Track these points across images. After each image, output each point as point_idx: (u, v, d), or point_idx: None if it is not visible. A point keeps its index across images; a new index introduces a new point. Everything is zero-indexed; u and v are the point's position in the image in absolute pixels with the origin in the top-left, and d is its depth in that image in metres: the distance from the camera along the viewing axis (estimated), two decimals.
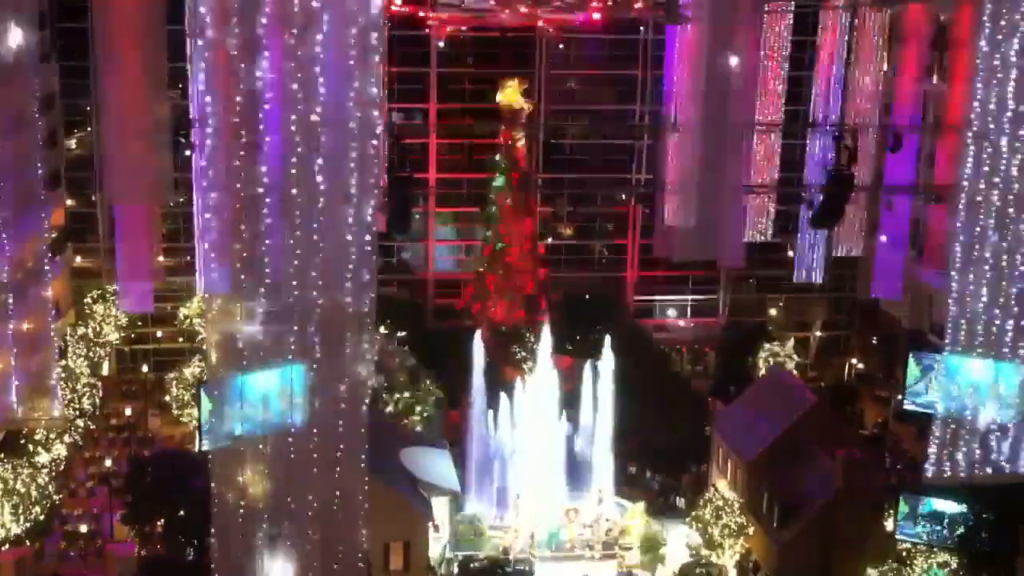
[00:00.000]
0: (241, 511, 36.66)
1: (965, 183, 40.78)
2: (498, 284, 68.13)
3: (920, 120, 67.41)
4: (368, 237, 36.95)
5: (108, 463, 59.84)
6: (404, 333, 63.84)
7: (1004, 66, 37.88)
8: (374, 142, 37.12)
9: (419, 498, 49.93)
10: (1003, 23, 37.67)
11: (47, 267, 57.42)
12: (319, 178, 35.68)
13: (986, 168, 39.79)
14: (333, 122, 35.69)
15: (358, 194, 36.53)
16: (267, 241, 35.55)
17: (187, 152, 66.77)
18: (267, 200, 35.34)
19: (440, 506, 51.97)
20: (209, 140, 35.49)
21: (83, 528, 54.09)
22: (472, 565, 49.94)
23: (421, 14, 68.35)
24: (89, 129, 70.29)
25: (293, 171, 35.37)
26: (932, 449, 49.30)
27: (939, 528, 48.96)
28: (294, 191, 35.47)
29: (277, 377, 37.06)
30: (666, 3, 66.38)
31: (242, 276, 35.60)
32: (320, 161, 35.61)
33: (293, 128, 35.23)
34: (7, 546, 49.27)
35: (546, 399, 55.78)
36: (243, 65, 34.73)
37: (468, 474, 55.67)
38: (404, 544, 48.42)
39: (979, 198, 39.97)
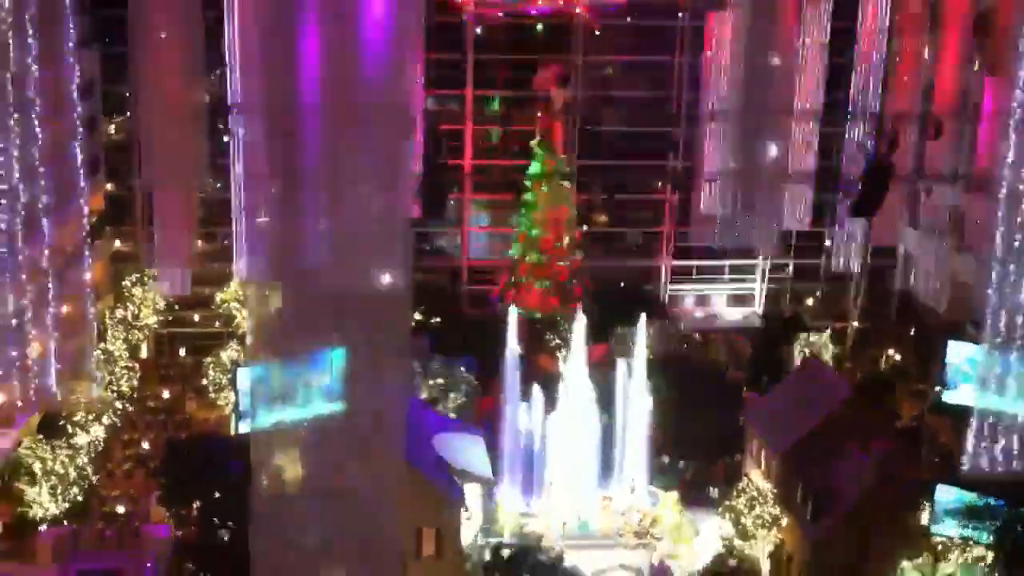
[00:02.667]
0: (279, 496, 36.85)
1: (1006, 172, 40.32)
2: (533, 271, 68.08)
3: (961, 108, 66.73)
4: (405, 223, 36.95)
5: (145, 445, 60.45)
6: (438, 319, 63.93)
7: None
8: (413, 128, 37.14)
9: (452, 485, 50.02)
10: None
11: (86, 252, 58.30)
12: (357, 164, 35.72)
13: None
14: (372, 108, 35.68)
15: (396, 180, 36.58)
16: (306, 227, 35.65)
17: (224, 138, 67.37)
18: (306, 186, 35.44)
19: (472, 492, 52.07)
20: (248, 126, 35.64)
21: (120, 509, 54.63)
22: (503, 552, 49.99)
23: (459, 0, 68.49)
24: (128, 115, 70.80)
25: (332, 157, 35.43)
26: (969, 442, 48.94)
27: (975, 522, 48.52)
28: (333, 177, 35.52)
29: (315, 362, 37.22)
30: None
31: (281, 261, 35.76)
32: (359, 147, 35.63)
33: (332, 114, 35.25)
34: (45, 526, 49.91)
35: (579, 387, 55.67)
36: (282, 51, 34.82)
37: (501, 461, 55.72)
38: (436, 531, 48.51)
39: (1021, 186, 39.52)
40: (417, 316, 63.79)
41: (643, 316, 57.67)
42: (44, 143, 51.47)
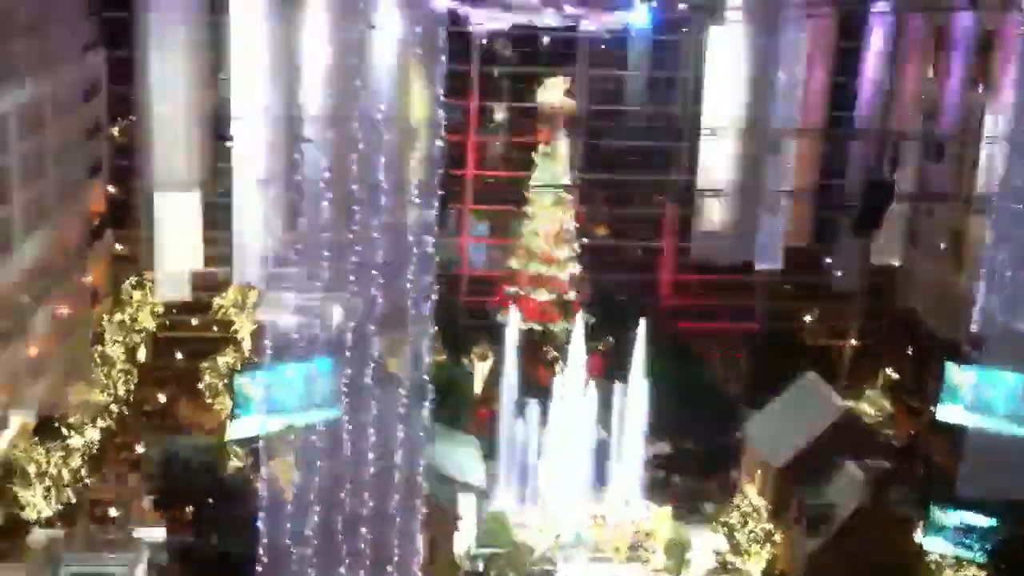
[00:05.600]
0: (289, 505, 36.30)
1: (1004, 192, 40.39)
2: (532, 282, 67.94)
3: (963, 129, 66.79)
4: (430, 239, 36.27)
5: (140, 449, 60.27)
6: (436, 329, 63.73)
7: None
8: (439, 143, 36.22)
9: (447, 494, 49.97)
10: None
11: (86, 254, 58.24)
12: (380, 175, 34.90)
13: None
14: (395, 120, 34.87)
15: (420, 193, 35.81)
16: (324, 235, 34.86)
17: (228, 143, 67.21)
18: (327, 195, 34.57)
19: (467, 501, 51.97)
20: (266, 132, 34.95)
21: (112, 512, 54.43)
22: (495, 561, 49.88)
23: (463, 12, 68.43)
24: (133, 118, 70.65)
25: (353, 167, 34.60)
26: (964, 462, 48.84)
27: (969, 541, 48.43)
28: (354, 187, 34.69)
29: (317, 369, 36.77)
30: (711, 5, 66.14)
31: (295, 269, 35.18)
32: (383, 159, 34.83)
33: (355, 124, 34.45)
34: (37, 528, 49.77)
35: (576, 400, 55.63)
36: (300, 56, 34.31)
37: (496, 471, 55.62)
38: (430, 539, 48.40)
39: (1021, 206, 39.59)
40: None
41: (642, 329, 57.57)
42: (46, 145, 51.49)
